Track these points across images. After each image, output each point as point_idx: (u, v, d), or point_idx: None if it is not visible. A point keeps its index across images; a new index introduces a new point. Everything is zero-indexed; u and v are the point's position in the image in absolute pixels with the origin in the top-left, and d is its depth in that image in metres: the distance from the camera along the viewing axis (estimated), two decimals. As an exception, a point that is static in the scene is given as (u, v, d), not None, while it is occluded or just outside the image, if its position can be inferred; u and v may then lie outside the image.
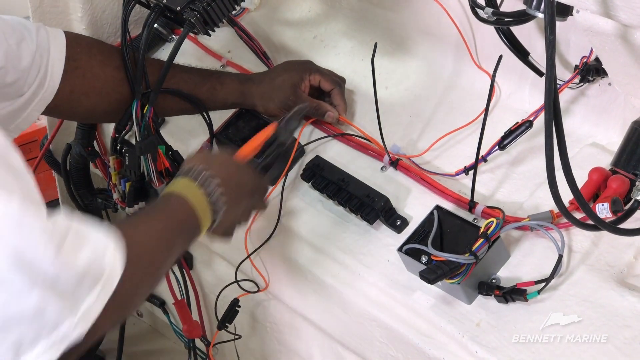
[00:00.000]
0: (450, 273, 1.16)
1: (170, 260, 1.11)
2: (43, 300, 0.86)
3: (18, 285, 0.85)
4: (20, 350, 0.86)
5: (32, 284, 0.85)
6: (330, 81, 1.52)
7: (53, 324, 0.87)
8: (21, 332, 0.85)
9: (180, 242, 1.13)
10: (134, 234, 1.01)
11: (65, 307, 0.88)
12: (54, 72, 1.33)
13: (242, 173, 1.25)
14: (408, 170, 1.41)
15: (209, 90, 1.51)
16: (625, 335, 1.13)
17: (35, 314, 0.86)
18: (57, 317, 0.87)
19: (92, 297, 0.90)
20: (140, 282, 1.01)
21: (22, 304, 0.85)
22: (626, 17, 1.03)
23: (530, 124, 1.33)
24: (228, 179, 1.19)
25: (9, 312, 0.85)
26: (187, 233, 1.14)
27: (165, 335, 2.05)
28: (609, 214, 1.18)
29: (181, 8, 1.35)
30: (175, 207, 1.14)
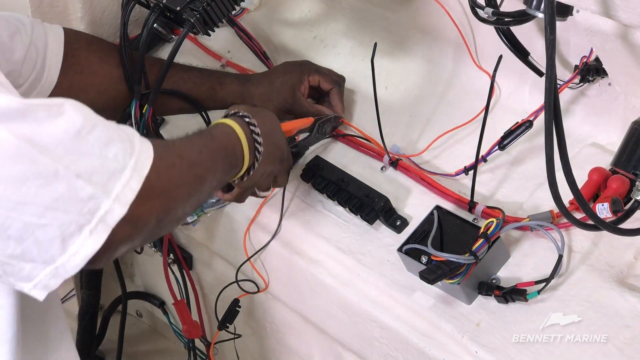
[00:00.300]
0: (450, 273, 1.16)
1: (210, 179, 1.09)
2: (72, 184, 0.86)
3: (44, 173, 0.85)
4: (66, 239, 0.87)
5: (56, 170, 0.85)
6: (330, 81, 1.52)
7: (90, 209, 0.87)
8: (60, 220, 0.86)
9: (222, 165, 1.13)
10: (172, 143, 1.04)
11: (96, 190, 0.87)
12: (52, 67, 1.33)
13: (280, 137, 1.28)
14: (408, 171, 1.41)
15: (209, 90, 1.51)
16: (625, 335, 1.13)
17: (69, 198, 0.86)
18: (92, 201, 0.87)
19: (123, 180, 0.90)
20: (180, 183, 1.00)
21: (53, 190, 0.85)
22: (626, 17, 1.03)
23: (530, 124, 1.33)
24: (267, 135, 1.21)
25: (43, 200, 0.85)
26: (230, 159, 1.15)
27: (165, 335, 2.05)
28: (609, 214, 1.18)
29: (181, 8, 1.35)
30: (222, 132, 1.16)
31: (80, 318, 1.89)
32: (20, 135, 0.85)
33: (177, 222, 1.03)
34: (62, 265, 0.88)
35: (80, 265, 0.89)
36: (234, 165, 1.17)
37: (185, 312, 1.59)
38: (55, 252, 0.87)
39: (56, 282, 0.89)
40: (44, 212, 0.86)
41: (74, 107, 0.89)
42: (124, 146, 0.91)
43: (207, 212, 1.47)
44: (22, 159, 0.85)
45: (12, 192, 0.84)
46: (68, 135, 0.88)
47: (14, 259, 0.87)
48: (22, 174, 0.85)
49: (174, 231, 1.62)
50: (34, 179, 0.85)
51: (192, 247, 1.65)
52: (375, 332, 1.30)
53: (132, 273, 1.95)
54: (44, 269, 0.88)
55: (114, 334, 1.91)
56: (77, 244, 0.88)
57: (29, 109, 0.86)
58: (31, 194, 0.85)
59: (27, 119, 0.86)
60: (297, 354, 1.55)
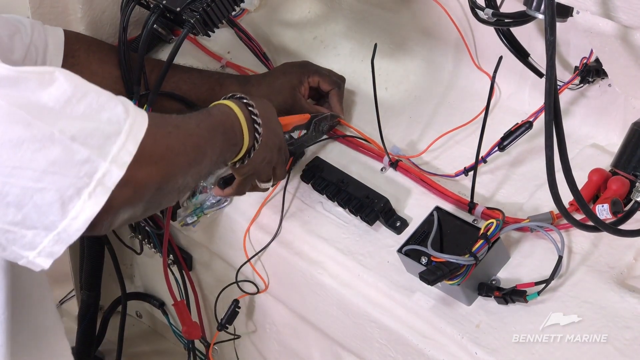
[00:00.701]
0: (450, 274, 1.16)
1: (210, 152, 1.08)
2: (67, 148, 0.86)
3: (39, 137, 0.85)
4: (66, 202, 0.87)
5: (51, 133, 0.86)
6: (329, 82, 1.52)
7: (87, 172, 0.88)
8: (58, 184, 0.86)
9: (221, 140, 1.12)
10: (169, 115, 1.03)
11: (93, 153, 0.88)
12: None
13: (277, 125, 1.27)
14: (408, 172, 1.41)
15: (208, 91, 1.51)
16: (625, 336, 1.13)
17: (65, 162, 0.87)
18: (88, 164, 0.88)
19: (119, 143, 0.90)
20: (178, 151, 1.00)
21: (48, 154, 0.86)
22: (626, 18, 1.03)
23: (530, 125, 1.33)
24: (266, 120, 1.20)
25: (39, 164, 0.86)
26: (229, 135, 1.14)
27: (164, 336, 2.06)
28: (609, 215, 1.18)
29: (181, 9, 1.35)
30: (220, 111, 1.15)
31: (80, 319, 1.90)
32: (13, 101, 0.85)
33: (177, 193, 1.03)
34: (64, 230, 0.88)
35: (81, 230, 0.89)
36: (234, 142, 1.16)
37: (185, 313, 1.59)
38: (55, 217, 0.88)
39: (60, 248, 0.89)
40: (41, 176, 0.86)
41: (64, 75, 0.90)
42: (118, 111, 0.92)
43: (206, 213, 1.47)
44: (16, 124, 0.85)
45: (8, 157, 0.84)
46: (60, 101, 0.88)
47: (15, 226, 0.87)
48: (17, 138, 0.85)
49: (174, 232, 1.62)
50: (29, 143, 0.85)
51: (191, 248, 1.65)
52: (375, 333, 1.30)
53: (132, 274, 1.95)
54: (46, 236, 0.88)
55: (114, 335, 1.91)
56: (77, 208, 0.88)
57: (20, 76, 0.87)
58: (27, 158, 0.85)
59: (19, 86, 0.87)
60: (296, 354, 1.55)
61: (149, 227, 1.57)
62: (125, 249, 1.81)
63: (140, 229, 1.64)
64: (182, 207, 1.48)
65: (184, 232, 1.60)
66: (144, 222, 1.56)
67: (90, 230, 0.90)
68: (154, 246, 1.64)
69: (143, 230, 1.64)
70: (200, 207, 1.47)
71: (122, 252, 1.85)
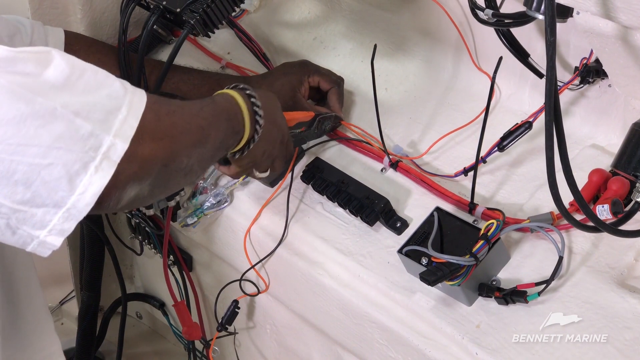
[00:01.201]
0: (450, 275, 1.16)
1: (213, 135, 1.08)
2: (71, 122, 0.87)
3: (41, 112, 0.86)
4: (73, 177, 0.87)
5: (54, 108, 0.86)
6: (329, 80, 1.52)
7: (92, 146, 0.88)
8: (64, 159, 0.87)
9: (225, 125, 1.12)
10: (174, 99, 1.03)
11: (96, 127, 0.88)
12: None
13: (281, 118, 1.27)
14: (408, 172, 1.41)
15: (208, 91, 1.50)
16: (625, 337, 1.13)
17: (70, 137, 0.87)
18: (93, 138, 0.88)
19: (120, 117, 0.90)
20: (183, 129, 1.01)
21: (52, 130, 0.86)
22: (626, 19, 1.03)
23: (529, 125, 1.33)
24: (268, 111, 1.20)
25: (44, 140, 0.86)
26: (232, 122, 1.14)
27: (164, 337, 2.06)
28: (609, 215, 1.18)
29: (181, 10, 1.35)
30: (223, 99, 1.15)
31: (80, 319, 1.90)
32: (13, 80, 0.86)
33: (183, 175, 1.03)
34: (73, 205, 0.88)
35: (90, 204, 0.89)
36: (236, 130, 1.15)
37: (185, 313, 1.59)
38: (64, 193, 0.88)
39: (71, 225, 0.89)
40: (47, 152, 0.86)
41: (61, 54, 0.91)
42: (116, 88, 0.92)
43: (207, 213, 1.47)
44: (17, 101, 0.85)
45: (12, 134, 0.84)
46: (60, 79, 0.88)
47: (24, 205, 0.87)
48: (20, 114, 0.85)
49: (174, 232, 1.62)
50: (32, 119, 0.85)
51: (192, 248, 1.65)
52: (375, 334, 1.30)
53: (132, 274, 1.95)
54: (56, 213, 0.88)
55: (114, 336, 1.91)
56: (85, 182, 0.88)
57: (18, 57, 0.87)
58: (31, 134, 0.85)
59: (17, 66, 0.87)
60: (296, 355, 1.55)
61: (149, 228, 1.57)
62: (126, 250, 1.81)
63: (140, 229, 1.64)
64: (182, 207, 1.48)
65: (184, 233, 1.60)
66: (144, 223, 1.56)
67: (98, 207, 0.90)
68: (154, 247, 1.64)
69: (143, 231, 1.64)
70: (200, 207, 1.47)
71: (122, 253, 1.85)
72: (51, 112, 0.86)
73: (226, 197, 1.47)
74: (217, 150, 1.12)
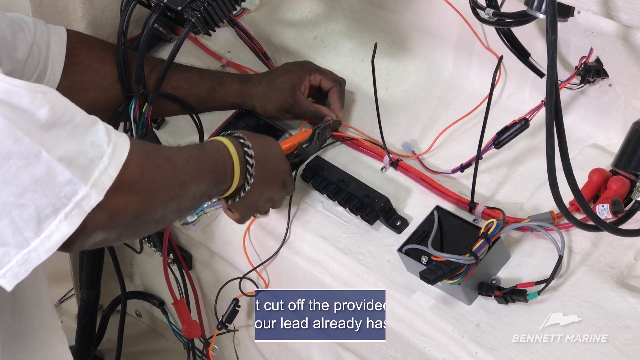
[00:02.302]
0: (450, 273, 1.16)
1: (194, 188, 1.09)
2: (52, 168, 0.88)
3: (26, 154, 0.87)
4: (42, 221, 0.89)
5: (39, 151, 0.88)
6: (331, 79, 1.52)
7: (67, 193, 0.89)
8: (38, 202, 0.88)
9: (209, 178, 1.13)
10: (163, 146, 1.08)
11: (75, 176, 0.90)
12: (55, 67, 1.34)
13: (281, 163, 1.29)
14: (408, 171, 1.41)
15: (209, 89, 1.51)
16: (625, 336, 1.13)
17: (48, 181, 0.88)
18: (69, 185, 0.90)
19: (101, 166, 0.92)
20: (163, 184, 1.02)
21: (33, 172, 0.87)
22: (627, 18, 1.03)
23: (526, 122, 1.32)
24: (264, 159, 1.22)
25: (23, 181, 0.87)
26: (218, 174, 1.15)
27: (164, 335, 2.05)
28: (610, 214, 1.18)
29: (182, 8, 1.35)
30: (214, 148, 1.16)
31: (80, 318, 1.90)
32: (5, 114, 0.87)
33: (156, 224, 1.05)
34: (34, 249, 0.89)
35: (53, 249, 0.90)
36: (222, 180, 1.17)
37: (185, 312, 1.59)
38: (30, 235, 0.89)
39: (26, 269, 0.90)
40: (23, 193, 0.88)
41: (55, 96, 0.92)
42: (101, 136, 0.94)
43: (207, 211, 1.47)
44: (7, 137, 0.86)
45: None
46: (49, 121, 0.90)
47: None
48: (6, 152, 0.86)
49: (174, 231, 1.62)
50: (16, 158, 0.87)
51: (191, 247, 1.65)
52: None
53: (132, 273, 1.95)
54: (16, 254, 0.89)
55: (113, 334, 1.91)
56: (52, 227, 0.89)
57: (13, 90, 0.88)
58: (12, 173, 0.87)
59: (12, 99, 0.88)
60: (296, 354, 1.55)
61: (149, 226, 1.57)
62: (125, 248, 1.81)
63: (140, 228, 1.64)
64: (183, 206, 1.48)
65: (184, 231, 1.60)
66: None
67: (62, 250, 0.91)
68: (154, 245, 1.63)
69: (143, 229, 1.63)
70: (200, 206, 1.47)
71: (122, 251, 1.85)
72: (36, 154, 0.88)
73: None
74: (197, 200, 1.14)
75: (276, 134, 1.48)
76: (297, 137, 1.44)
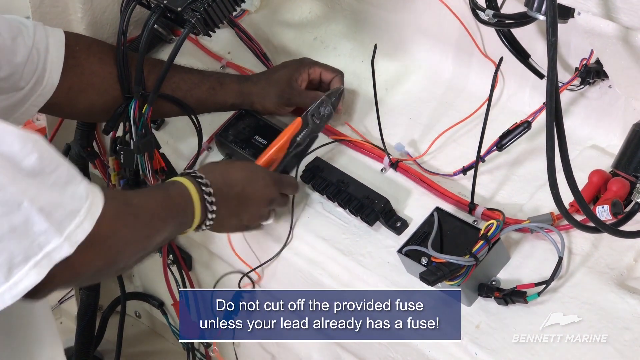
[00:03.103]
0: (450, 275, 1.16)
1: (159, 239, 1.14)
2: (31, 217, 0.90)
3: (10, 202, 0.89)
4: (12, 267, 0.90)
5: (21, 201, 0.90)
6: (331, 70, 1.53)
7: (40, 242, 0.92)
8: (12, 249, 0.90)
9: (172, 225, 1.17)
10: (132, 199, 1.09)
11: (51, 227, 0.92)
12: (53, 70, 1.34)
13: (250, 183, 1.31)
14: (408, 172, 1.41)
15: (208, 90, 1.51)
16: (625, 337, 1.13)
17: (25, 230, 0.90)
18: (44, 236, 0.92)
19: (77, 220, 0.94)
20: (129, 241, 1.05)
21: (12, 220, 0.89)
22: (627, 20, 1.03)
23: (528, 124, 1.33)
24: (227, 190, 1.26)
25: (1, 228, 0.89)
26: (180, 218, 1.19)
27: (163, 336, 2.05)
28: (609, 216, 1.18)
29: (182, 9, 1.35)
30: (177, 191, 1.20)
31: (79, 318, 1.89)
32: None
33: (116, 273, 1.10)
34: (1, 294, 0.91)
35: (19, 296, 0.92)
36: (183, 223, 1.21)
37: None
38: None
39: None
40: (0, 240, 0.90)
41: (45, 145, 0.95)
42: (82, 189, 0.97)
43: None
44: None
45: None
46: (35, 170, 0.92)
47: None
48: None
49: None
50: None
51: (191, 248, 1.65)
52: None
53: (131, 274, 1.94)
54: None
55: (113, 335, 1.91)
56: (21, 274, 0.91)
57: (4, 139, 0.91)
58: None
59: (2, 148, 0.90)
60: (296, 355, 1.55)
61: (149, 227, 1.57)
62: (125, 249, 1.81)
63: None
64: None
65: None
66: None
67: (26, 297, 0.93)
68: (154, 246, 1.63)
69: (143, 230, 1.63)
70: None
71: (121, 252, 1.85)
72: (18, 204, 0.90)
73: (226, 196, 1.47)
74: (159, 245, 1.18)
75: (276, 134, 1.48)
76: (286, 131, 1.43)
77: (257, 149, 1.47)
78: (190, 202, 1.20)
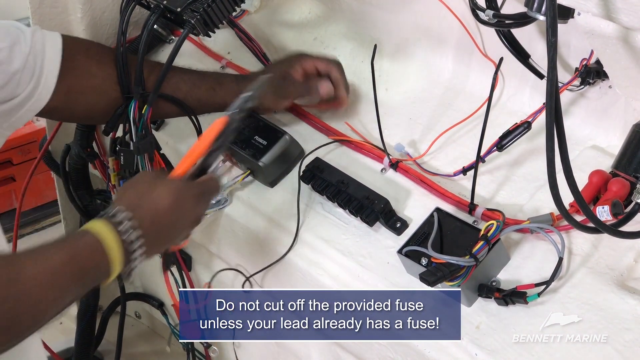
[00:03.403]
0: (450, 275, 1.16)
1: (61, 303, 1.04)
2: None
3: None
4: None
5: None
6: (326, 61, 1.53)
7: None
8: None
9: (78, 286, 1.05)
10: (25, 266, 0.99)
11: None
12: (49, 73, 1.33)
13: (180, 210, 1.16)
14: (408, 172, 1.41)
15: (208, 90, 1.51)
16: (625, 338, 1.13)
17: None
18: None
19: None
20: (23, 317, 0.99)
21: None
22: (627, 20, 1.03)
23: (528, 125, 1.32)
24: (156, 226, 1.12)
25: None
26: (90, 276, 1.07)
27: (163, 336, 2.05)
28: (609, 216, 1.18)
29: (181, 9, 1.35)
30: (85, 246, 1.05)
31: (79, 319, 1.90)
32: None
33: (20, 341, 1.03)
34: None
35: None
36: (97, 279, 1.08)
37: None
38: None
39: None
40: None
41: None
42: None
43: (206, 213, 1.46)
44: None
45: None
46: None
47: None
48: None
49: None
50: None
51: (191, 248, 1.65)
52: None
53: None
54: None
55: (113, 335, 1.91)
56: None
57: None
58: None
59: None
60: (296, 355, 1.55)
61: (149, 228, 1.57)
62: (125, 249, 1.81)
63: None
64: (182, 207, 1.47)
65: (183, 233, 1.60)
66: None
67: None
68: (154, 246, 1.63)
69: (142, 231, 1.63)
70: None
71: (121, 253, 1.85)
72: None
73: (226, 196, 1.47)
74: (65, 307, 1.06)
75: (276, 135, 1.48)
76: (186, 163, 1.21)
77: (257, 149, 1.47)
78: (104, 256, 1.05)
